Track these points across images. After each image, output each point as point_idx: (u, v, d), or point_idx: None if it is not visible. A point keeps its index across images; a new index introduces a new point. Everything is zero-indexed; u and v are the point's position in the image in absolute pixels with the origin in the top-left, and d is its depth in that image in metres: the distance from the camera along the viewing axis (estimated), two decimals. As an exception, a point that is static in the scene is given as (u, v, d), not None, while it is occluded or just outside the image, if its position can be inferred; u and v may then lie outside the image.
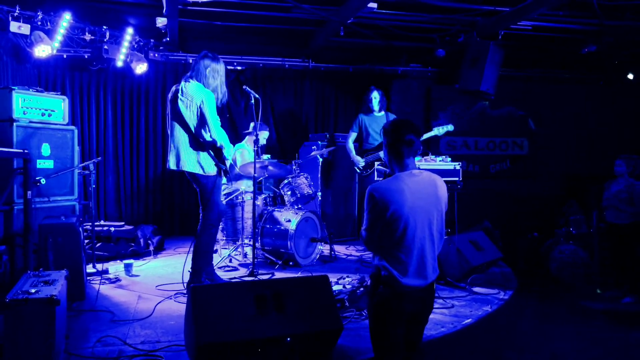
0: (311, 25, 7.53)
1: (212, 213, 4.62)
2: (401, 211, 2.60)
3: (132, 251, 6.06)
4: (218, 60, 4.63)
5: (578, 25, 7.11)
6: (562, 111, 9.25)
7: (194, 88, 4.46)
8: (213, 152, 4.51)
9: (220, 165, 4.55)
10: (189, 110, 4.43)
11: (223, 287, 3.42)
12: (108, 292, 4.55)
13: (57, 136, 5.02)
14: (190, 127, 4.44)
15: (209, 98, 4.45)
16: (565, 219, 8.09)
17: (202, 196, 4.61)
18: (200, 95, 4.42)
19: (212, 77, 4.54)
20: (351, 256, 6.35)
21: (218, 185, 4.66)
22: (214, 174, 4.55)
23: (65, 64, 7.40)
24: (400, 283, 2.62)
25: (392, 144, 2.74)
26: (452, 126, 6.50)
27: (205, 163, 4.49)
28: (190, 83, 4.49)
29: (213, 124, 4.45)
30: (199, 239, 4.60)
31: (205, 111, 4.42)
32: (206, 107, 4.42)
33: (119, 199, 7.81)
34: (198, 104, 4.42)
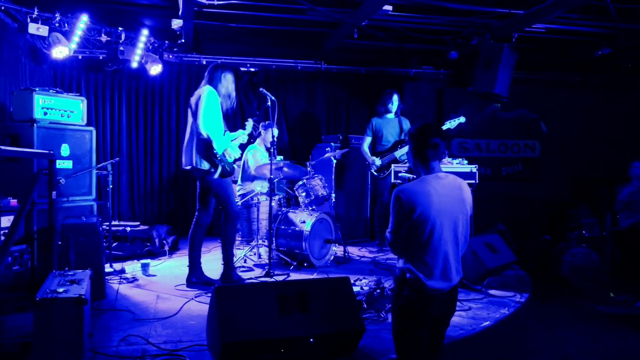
0: (324, 28, 7.55)
1: (231, 206, 4.82)
2: (428, 214, 2.62)
3: (147, 251, 6.11)
4: (227, 69, 4.92)
5: (592, 28, 7.10)
6: (574, 114, 9.24)
7: (201, 90, 4.71)
8: (205, 147, 4.63)
9: (213, 159, 4.65)
10: (194, 110, 4.68)
11: (246, 287, 3.46)
12: (127, 292, 4.60)
13: (76, 137, 5.07)
14: (194, 125, 4.69)
15: (208, 95, 4.63)
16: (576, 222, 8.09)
17: (215, 194, 4.80)
18: (202, 93, 4.64)
19: (225, 85, 4.82)
20: (364, 258, 6.37)
21: (220, 181, 4.76)
22: (209, 169, 4.69)
23: (81, 64, 7.47)
24: (425, 286, 2.64)
25: (418, 148, 2.77)
26: (463, 118, 6.44)
27: (204, 159, 4.67)
28: (203, 87, 4.75)
29: (203, 117, 4.59)
30: (225, 235, 4.85)
31: (200, 106, 4.59)
32: (201, 102, 4.59)
33: (133, 198, 7.87)
34: (198, 102, 4.62)
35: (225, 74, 4.84)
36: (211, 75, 4.80)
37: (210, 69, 4.85)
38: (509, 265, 5.43)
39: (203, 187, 4.88)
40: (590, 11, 6.61)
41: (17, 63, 6.02)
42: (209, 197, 4.89)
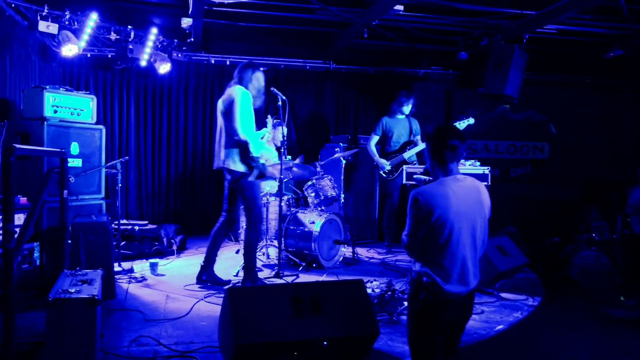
0: (333, 27, 7.52)
1: (256, 209, 4.76)
2: (446, 216, 2.58)
3: (155, 250, 6.08)
4: (256, 67, 4.84)
5: (604, 29, 7.04)
6: (584, 116, 9.17)
7: (233, 90, 4.66)
8: (242, 148, 4.59)
9: (249, 160, 4.60)
10: (226, 111, 4.63)
11: (260, 289, 3.43)
12: (136, 292, 4.58)
13: (86, 135, 5.06)
14: (227, 127, 4.63)
15: (241, 96, 4.60)
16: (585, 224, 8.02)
17: (242, 194, 4.75)
18: (234, 94, 4.60)
19: (252, 83, 4.77)
20: (373, 259, 6.33)
21: (253, 183, 4.74)
22: (246, 171, 4.66)
23: (90, 63, 7.46)
24: (443, 290, 2.60)
25: (436, 149, 2.73)
26: (472, 119, 6.40)
27: (238, 159, 4.63)
28: (234, 87, 4.70)
29: (240, 119, 4.58)
30: (249, 237, 4.74)
31: (234, 107, 4.57)
32: (236, 104, 4.58)
33: (140, 197, 7.85)
34: (232, 103, 4.59)
35: (255, 72, 4.81)
36: (241, 75, 4.75)
37: (239, 68, 4.79)
38: (520, 267, 5.38)
39: (233, 189, 4.83)
40: (602, 12, 6.56)
41: (27, 61, 6.02)
42: (238, 198, 4.84)
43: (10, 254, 2.41)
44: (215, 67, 8.08)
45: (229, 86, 4.78)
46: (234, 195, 4.85)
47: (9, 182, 2.38)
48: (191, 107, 8.03)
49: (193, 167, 8.07)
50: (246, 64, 4.81)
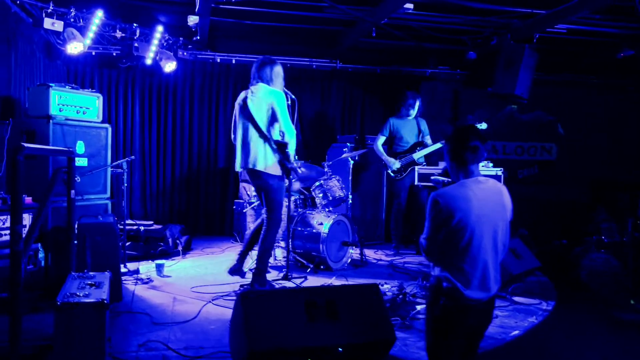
0: (340, 26, 7.45)
1: (277, 213, 4.66)
2: (467, 220, 2.50)
3: (161, 251, 6.00)
4: (275, 62, 4.72)
5: (615, 29, 6.95)
6: (592, 116, 9.06)
7: (262, 90, 4.55)
8: (280, 152, 4.50)
9: (286, 163, 4.52)
10: (259, 111, 4.50)
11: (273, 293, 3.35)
12: (142, 294, 4.49)
13: (92, 134, 4.99)
14: (262, 127, 4.50)
15: (280, 97, 4.54)
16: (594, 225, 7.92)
17: (267, 196, 4.62)
18: (270, 96, 4.51)
19: (276, 80, 4.65)
20: (381, 261, 6.25)
21: (283, 186, 4.69)
22: (279, 174, 4.57)
23: (94, 60, 7.38)
24: (463, 295, 2.52)
25: (456, 151, 2.64)
26: (485, 124, 6.38)
27: (272, 163, 4.54)
28: (258, 85, 4.58)
29: (285, 122, 4.51)
30: (265, 239, 4.62)
31: (276, 110, 4.49)
32: (277, 107, 4.49)
33: (145, 197, 7.77)
34: (269, 104, 4.49)
35: (273, 68, 4.67)
36: (260, 73, 4.61)
37: (257, 66, 4.65)
38: (532, 271, 5.29)
39: (259, 188, 4.70)
40: (614, 11, 6.47)
41: (31, 58, 5.94)
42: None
43: (18, 255, 2.33)
44: (221, 66, 8.00)
45: (252, 84, 4.64)
46: (261, 195, 4.73)
47: (17, 181, 2.30)
48: (196, 106, 7.95)
49: (198, 166, 7.99)
50: (263, 61, 4.66)
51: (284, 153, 4.54)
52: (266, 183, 4.54)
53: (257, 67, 4.64)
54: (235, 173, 7.94)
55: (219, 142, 8.04)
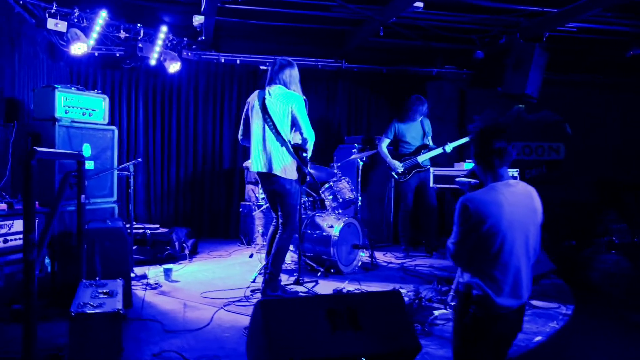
0: (347, 25, 7.36)
1: (294, 218, 4.55)
2: (499, 225, 2.40)
3: (168, 255, 5.90)
4: (293, 65, 4.60)
5: (625, 27, 6.86)
6: (600, 116, 8.98)
7: (280, 92, 4.43)
8: (297, 155, 4.40)
9: (303, 168, 4.41)
10: (279, 114, 4.38)
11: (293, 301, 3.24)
12: (152, 300, 4.38)
13: (98, 136, 4.88)
14: (280, 130, 4.38)
15: (300, 101, 4.43)
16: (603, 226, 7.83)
17: (283, 201, 4.49)
18: (290, 98, 4.40)
19: (294, 83, 4.54)
20: (392, 264, 6.14)
21: (299, 190, 4.60)
22: (296, 178, 4.48)
23: (97, 61, 7.28)
24: (495, 303, 2.42)
25: (482, 154, 2.55)
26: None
27: (290, 167, 4.42)
28: (276, 87, 4.46)
29: (306, 126, 4.41)
30: (281, 244, 4.50)
31: (297, 114, 4.38)
32: (297, 110, 4.38)
33: (149, 199, 7.67)
34: (289, 107, 4.38)
35: (292, 70, 4.54)
36: (279, 75, 4.47)
37: (276, 68, 4.49)
38: (547, 273, 5.19)
39: (272, 193, 4.56)
40: (625, 9, 6.38)
41: (34, 59, 5.84)
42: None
43: (32, 265, 2.22)
44: (226, 67, 7.90)
45: (269, 86, 4.51)
46: (274, 200, 4.61)
47: (29, 187, 2.19)
48: (201, 107, 7.85)
49: (203, 168, 7.89)
50: (281, 62, 4.51)
51: (302, 157, 4.42)
52: (283, 188, 4.42)
53: (276, 68, 4.50)
54: (240, 174, 7.84)
55: (224, 143, 7.94)
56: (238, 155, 7.97)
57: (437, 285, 4.68)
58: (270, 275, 4.47)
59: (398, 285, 4.67)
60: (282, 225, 4.51)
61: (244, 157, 7.88)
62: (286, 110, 4.37)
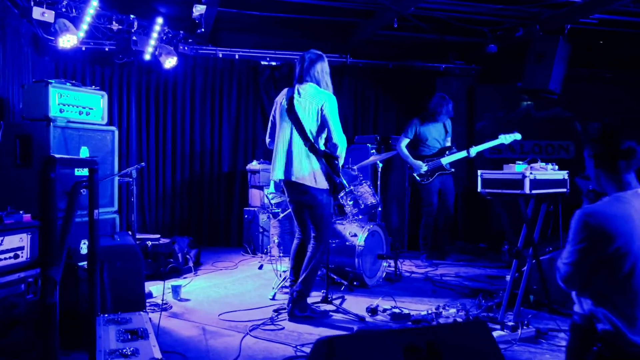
0: (355, 17, 6.89)
1: (327, 230, 4.07)
2: (629, 245, 1.96)
3: (171, 268, 5.34)
4: (323, 58, 4.07)
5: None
6: (611, 114, 8.65)
7: (312, 91, 3.93)
8: (328, 162, 3.88)
9: (334, 177, 3.91)
10: (308, 115, 3.89)
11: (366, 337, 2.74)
12: (166, 325, 3.83)
13: (97, 138, 4.33)
14: (308, 134, 3.88)
15: (332, 101, 3.92)
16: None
17: (314, 213, 4.00)
18: (320, 97, 3.90)
19: (326, 79, 4.02)
20: (415, 273, 5.69)
21: (331, 200, 4.09)
22: (326, 187, 3.96)
23: (85, 56, 6.67)
24: (628, 340, 1.97)
25: (604, 156, 2.11)
26: (519, 135, 6.05)
27: (320, 176, 3.92)
28: (307, 85, 3.95)
29: (337, 129, 3.91)
30: (314, 258, 4.00)
31: (327, 115, 3.87)
32: (328, 111, 3.87)
33: (143, 205, 7.08)
34: (319, 107, 3.87)
35: (324, 65, 4.03)
36: (309, 71, 3.95)
37: (306, 63, 3.96)
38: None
39: (301, 204, 4.07)
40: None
41: (19, 53, 5.23)
42: (306, 214, 4.11)
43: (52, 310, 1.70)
44: (224, 62, 7.37)
45: (299, 84, 3.98)
46: (302, 212, 4.11)
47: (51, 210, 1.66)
48: (198, 105, 7.29)
49: (201, 171, 7.33)
50: (311, 57, 3.98)
51: (333, 165, 3.93)
52: (314, 199, 3.92)
53: (306, 65, 3.97)
54: (242, 178, 7.32)
55: (223, 144, 7.39)
56: (239, 157, 7.43)
57: (481, 300, 4.23)
58: (299, 294, 3.97)
59: (443, 303, 4.20)
60: (314, 240, 4.01)
61: (245, 160, 7.38)
62: (316, 110, 3.87)
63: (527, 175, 3.74)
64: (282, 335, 3.65)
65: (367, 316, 4.06)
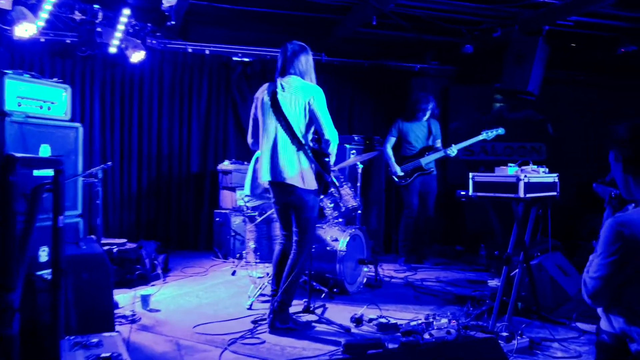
0: (332, 13, 6.67)
1: (312, 234, 3.83)
2: (668, 258, 1.78)
3: (138, 275, 4.99)
4: (308, 50, 3.83)
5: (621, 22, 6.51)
6: (584, 116, 8.69)
7: (297, 84, 3.66)
8: (318, 161, 3.62)
9: (325, 176, 3.65)
10: (294, 110, 3.62)
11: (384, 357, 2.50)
12: (136, 339, 3.51)
13: (59, 135, 3.96)
14: (296, 131, 3.61)
15: (320, 94, 3.67)
16: (588, 229, 7.56)
17: (299, 215, 3.74)
18: (307, 91, 3.64)
19: (309, 72, 3.77)
20: (395, 278, 5.51)
21: (318, 202, 3.84)
22: (315, 188, 3.69)
23: (44, 48, 6.24)
24: (665, 363, 1.81)
25: (634, 159, 1.93)
26: (502, 130, 5.94)
27: (309, 176, 3.65)
28: (291, 78, 3.69)
29: (328, 124, 3.66)
30: (295, 265, 3.72)
31: (316, 110, 3.62)
32: (317, 106, 3.63)
33: (107, 207, 6.67)
34: (306, 102, 3.61)
35: (308, 57, 3.78)
36: (293, 63, 3.69)
37: (288, 55, 3.70)
38: (579, 289, 4.70)
39: (287, 206, 3.79)
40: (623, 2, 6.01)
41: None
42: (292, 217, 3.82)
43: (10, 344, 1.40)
44: (194, 57, 7.03)
45: (281, 77, 3.73)
46: (288, 215, 3.84)
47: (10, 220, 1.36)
48: (166, 102, 6.93)
49: (169, 171, 6.97)
50: (294, 48, 3.73)
51: (323, 164, 3.69)
52: (300, 200, 3.66)
53: (288, 55, 3.70)
54: (212, 178, 7.00)
55: (192, 143, 7.05)
56: (209, 157, 7.11)
57: (470, 308, 4.07)
58: (280, 304, 3.70)
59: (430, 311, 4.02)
60: (296, 245, 3.75)
61: (216, 160, 7.06)
62: (304, 105, 3.61)
63: (521, 178, 3.59)
64: (263, 349, 3.39)
65: (352, 327, 3.84)
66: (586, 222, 7.85)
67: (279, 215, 3.90)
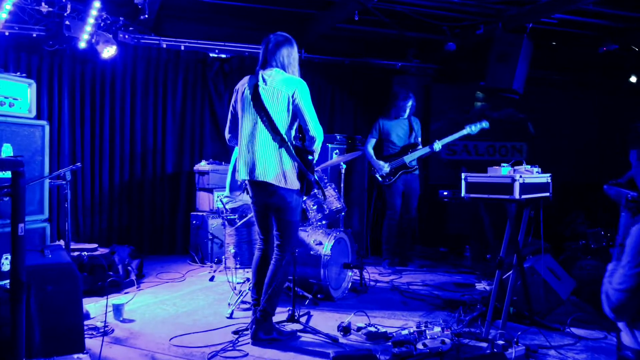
0: (312, 8, 6.48)
1: (293, 238, 3.59)
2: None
3: (110, 282, 4.71)
4: (293, 43, 3.60)
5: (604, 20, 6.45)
6: (565, 116, 8.65)
7: (280, 77, 3.44)
8: (301, 158, 3.40)
9: (308, 175, 3.44)
10: (276, 105, 3.39)
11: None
12: (108, 354, 3.25)
13: (23, 134, 3.69)
14: (278, 126, 3.38)
15: (304, 88, 3.44)
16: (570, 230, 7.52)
17: (280, 217, 3.52)
18: (291, 85, 3.41)
19: (293, 66, 3.55)
20: (380, 282, 5.33)
21: (301, 203, 3.63)
22: (297, 188, 3.47)
23: (9, 42, 5.89)
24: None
25: (659, 159, 1.77)
26: (487, 123, 5.85)
27: (290, 175, 3.43)
28: (273, 71, 3.46)
29: (313, 119, 3.44)
30: (278, 272, 3.50)
31: (300, 105, 3.40)
32: (301, 100, 3.40)
33: (76, 211, 6.35)
34: (289, 96, 3.39)
35: (292, 49, 3.55)
36: (275, 55, 3.47)
37: (270, 46, 3.47)
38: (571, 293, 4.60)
39: (267, 208, 3.56)
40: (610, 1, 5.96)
41: None
42: (272, 220, 3.60)
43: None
44: (169, 53, 6.75)
45: (262, 69, 3.50)
46: (267, 217, 3.62)
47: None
48: (139, 100, 6.63)
49: (142, 172, 6.68)
50: (278, 40, 3.50)
51: (307, 162, 3.48)
52: (282, 200, 3.44)
53: (270, 47, 3.48)
54: (188, 179, 6.74)
55: (167, 143, 6.76)
56: (184, 157, 6.83)
57: (462, 314, 3.90)
58: (263, 313, 3.48)
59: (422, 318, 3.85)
60: (278, 249, 3.53)
61: (192, 160, 6.80)
62: (285, 99, 3.40)
63: (516, 179, 3.43)
64: (247, 363, 3.17)
65: (340, 336, 3.64)
66: (568, 224, 7.80)
67: (257, 216, 3.66)
